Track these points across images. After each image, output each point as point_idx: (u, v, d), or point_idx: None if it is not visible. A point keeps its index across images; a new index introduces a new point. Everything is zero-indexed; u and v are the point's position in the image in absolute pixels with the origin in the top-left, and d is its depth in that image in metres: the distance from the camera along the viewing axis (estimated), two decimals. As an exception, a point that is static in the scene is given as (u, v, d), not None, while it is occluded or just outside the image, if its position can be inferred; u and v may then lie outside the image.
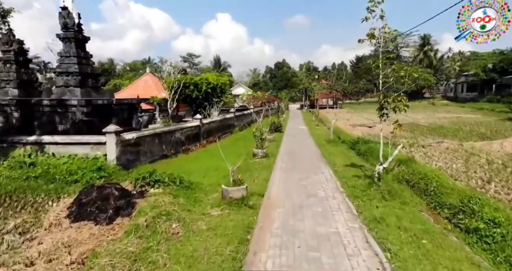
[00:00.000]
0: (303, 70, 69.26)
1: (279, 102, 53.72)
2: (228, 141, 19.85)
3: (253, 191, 7.20)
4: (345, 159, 11.37)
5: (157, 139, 12.72)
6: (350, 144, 14.26)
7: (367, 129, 22.02)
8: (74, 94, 12.93)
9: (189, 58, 67.17)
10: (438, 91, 67.63)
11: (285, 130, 22.63)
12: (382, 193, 6.85)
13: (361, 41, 7.98)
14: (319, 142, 16.00)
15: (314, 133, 20.56)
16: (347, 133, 19.55)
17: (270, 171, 9.56)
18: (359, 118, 31.70)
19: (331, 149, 13.84)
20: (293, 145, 15.42)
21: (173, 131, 14.08)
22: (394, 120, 7.69)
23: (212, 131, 19.53)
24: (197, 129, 16.97)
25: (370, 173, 9.22)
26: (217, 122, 20.52)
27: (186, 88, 22.14)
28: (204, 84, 21.89)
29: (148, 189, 6.84)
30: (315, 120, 31.55)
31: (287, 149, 13.97)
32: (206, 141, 18.17)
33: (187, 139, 15.50)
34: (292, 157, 11.93)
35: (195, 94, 21.96)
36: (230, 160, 13.17)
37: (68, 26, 13.15)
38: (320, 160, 11.31)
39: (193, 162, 12.45)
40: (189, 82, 21.96)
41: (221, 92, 23.28)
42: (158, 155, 12.66)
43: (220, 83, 22.60)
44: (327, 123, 26.77)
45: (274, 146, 14.95)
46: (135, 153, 11.17)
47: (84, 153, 10.21)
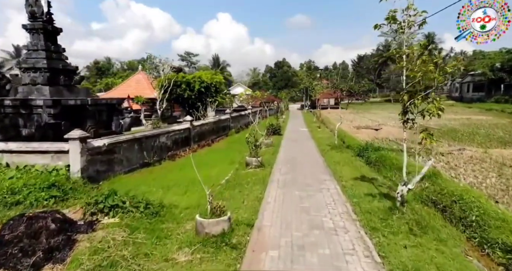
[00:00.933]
0: (303, 69, 67.49)
1: (278, 102, 52.09)
2: (222, 144, 18.21)
3: (239, 218, 5.55)
4: (353, 170, 9.73)
5: (136, 145, 11.07)
6: (357, 150, 12.60)
7: (373, 131, 20.36)
8: (42, 93, 11.29)
9: (187, 57, 65.45)
10: (442, 91, 65.82)
11: (284, 133, 20.99)
12: (409, 224, 5.20)
13: (378, 27, 6.34)
14: (322, 148, 14.35)
15: (316, 136, 18.91)
16: (352, 136, 17.90)
17: (265, 186, 7.92)
18: (362, 120, 30.05)
19: (335, 156, 12.20)
20: (293, 151, 13.77)
21: (157, 135, 12.43)
22: (409, 124, 6.04)
23: (205, 134, 17.90)
24: (186, 132, 15.33)
25: (386, 190, 7.59)
26: (210, 124, 18.88)
27: (178, 87, 20.53)
28: (197, 83, 20.26)
29: (100, 218, 5.20)
30: (317, 121, 29.90)
31: (286, 157, 12.31)
32: (198, 145, 16.54)
33: (174, 143, 13.86)
34: (291, 167, 10.28)
35: (187, 93, 20.34)
36: (221, 169, 11.55)
37: (36, 15, 11.50)
38: (324, 171, 9.66)
39: (177, 171, 10.81)
40: (180, 80, 20.34)
41: (215, 91, 21.64)
42: (137, 163, 11.02)
43: (214, 82, 20.97)
44: (329, 124, 25.13)
45: (271, 152, 13.31)
46: (107, 162, 9.53)
47: (44, 163, 8.57)
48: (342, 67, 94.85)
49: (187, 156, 14.30)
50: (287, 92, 73.14)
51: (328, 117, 31.16)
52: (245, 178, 8.87)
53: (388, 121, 27.76)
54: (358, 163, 10.97)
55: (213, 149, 16.43)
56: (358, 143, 14.84)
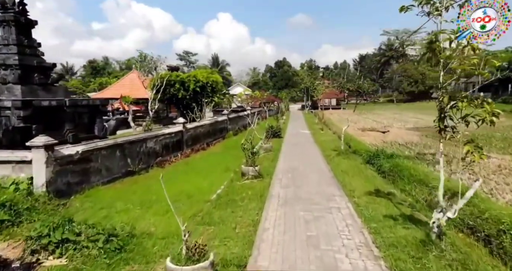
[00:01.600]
0: (304, 68, 66.13)
1: (279, 103, 50.83)
2: (218, 148, 16.96)
3: (228, 255, 4.28)
4: (365, 182, 8.45)
5: (118, 152, 9.81)
6: (366, 157, 11.32)
7: (380, 134, 19.08)
8: (12, 93, 10.03)
9: (186, 56, 64.13)
10: (446, 91, 64.43)
11: (285, 136, 19.71)
12: (452, 268, 3.92)
13: (405, 10, 5.07)
14: (327, 153, 13.07)
15: (319, 139, 17.64)
16: (358, 139, 16.62)
17: (262, 204, 6.65)
18: (366, 121, 28.79)
19: (342, 163, 10.93)
20: (295, 157, 12.49)
21: (144, 140, 11.17)
22: (448, 134, 4.79)
23: (200, 137, 16.63)
24: (178, 135, 14.06)
25: (408, 209, 6.32)
26: (206, 127, 17.61)
27: (171, 87, 19.26)
28: (192, 82, 18.98)
29: (43, 259, 3.92)
30: (319, 123, 28.62)
31: (286, 164, 11.04)
32: (192, 150, 15.28)
33: (164, 148, 12.59)
34: (293, 178, 9.00)
35: (182, 93, 19.07)
36: (214, 178, 10.25)
37: (7, 6, 10.24)
38: (332, 183, 8.39)
39: (165, 181, 9.54)
40: (174, 79, 19.06)
41: (212, 91, 20.37)
42: (119, 172, 9.75)
43: (210, 81, 19.70)
44: (332, 126, 23.87)
45: (271, 158, 12.03)
46: (81, 172, 8.26)
47: (3, 175, 7.32)
48: (343, 66, 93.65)
49: (179, 162, 13.04)
50: (288, 92, 71.90)
51: (330, 118, 29.90)
52: (240, 192, 7.59)
53: (394, 122, 26.49)
54: (369, 172, 9.69)
55: (208, 153, 15.16)
56: (366, 148, 13.59)
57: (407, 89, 56.77)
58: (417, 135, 18.33)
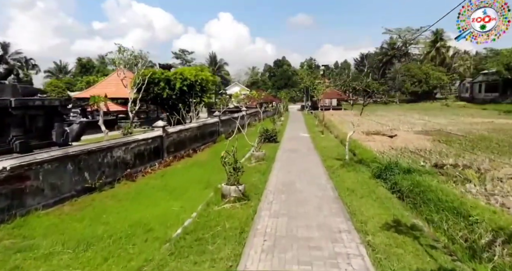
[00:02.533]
0: (304, 67, 64.18)
1: (277, 103, 48.92)
2: (206, 154, 15.07)
3: None
4: (379, 207, 6.58)
5: (71, 165, 7.91)
6: (376, 170, 9.42)
7: (387, 139, 17.18)
8: None
9: (182, 55, 62.12)
10: (450, 91, 62.64)
11: (282, 140, 17.82)
12: None
13: None
14: (329, 163, 11.19)
15: (320, 145, 15.74)
16: (363, 145, 14.73)
17: (240, 249, 4.76)
18: (370, 123, 26.89)
19: (348, 177, 9.05)
20: (291, 168, 10.59)
21: (108, 149, 9.27)
22: None
23: (185, 142, 14.75)
24: (157, 141, 12.17)
25: (448, 259, 4.44)
26: (193, 130, 15.72)
27: (156, 85, 17.37)
28: (179, 81, 17.07)
29: None
30: (319, 125, 26.73)
31: (281, 179, 9.14)
32: (174, 157, 13.40)
33: (137, 157, 10.71)
34: (287, 201, 7.11)
35: (167, 92, 17.16)
36: (189, 199, 8.25)
37: None
38: (337, 209, 6.49)
39: (126, 203, 7.66)
40: (159, 77, 17.15)
41: (201, 90, 18.46)
42: (73, 190, 7.87)
43: (199, 79, 17.79)
44: (334, 129, 21.98)
45: (262, 170, 10.14)
46: (10, 195, 6.36)
47: None
48: (344, 66, 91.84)
49: (155, 173, 11.16)
50: (287, 92, 70.07)
51: (331, 120, 27.99)
52: (214, 225, 5.70)
53: (400, 125, 24.58)
54: (381, 191, 7.80)
55: (192, 162, 13.28)
56: (373, 156, 11.71)
57: (410, 89, 54.83)
58: (428, 140, 16.43)
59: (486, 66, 48.87)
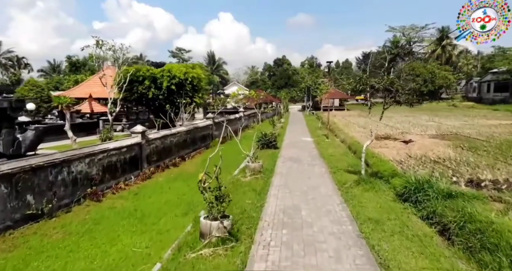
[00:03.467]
0: (305, 66, 62.08)
1: (277, 103, 46.97)
2: (194, 164, 13.17)
3: None
4: (420, 254, 4.66)
5: (5, 187, 5.98)
6: (401, 188, 7.48)
7: (401, 145, 15.23)
8: None
9: (178, 53, 60.13)
10: (455, 91, 60.64)
11: (282, 146, 15.89)
12: None
13: None
14: (340, 178, 9.27)
15: (326, 152, 13.80)
16: (376, 153, 12.80)
17: None
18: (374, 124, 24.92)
19: (367, 201, 7.12)
20: (294, 187, 8.64)
21: (63, 163, 7.34)
22: None
23: (170, 149, 12.83)
24: (134, 150, 10.26)
25: None
26: (180, 135, 13.79)
27: (140, 84, 15.45)
28: (166, 79, 15.13)
29: None
30: (322, 127, 24.82)
31: (281, 204, 7.21)
32: (156, 168, 11.50)
33: (106, 171, 8.79)
34: (290, 243, 5.17)
35: (152, 92, 15.23)
36: (155, 236, 5.13)
37: None
38: (363, 261, 4.55)
39: (76, 240, 5.73)
40: (143, 75, 15.22)
41: (192, 90, 16.52)
42: (8, 220, 5.95)
43: (190, 78, 15.86)
44: (339, 132, 20.04)
45: (258, 189, 8.20)
46: None
47: None
48: (345, 65, 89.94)
49: (130, 188, 9.25)
50: (287, 91, 68.13)
51: (335, 122, 26.06)
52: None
53: (411, 127, 22.57)
54: (416, 223, 5.88)
55: (177, 173, 11.37)
56: (391, 168, 9.82)
57: (415, 88, 52.71)
58: (448, 146, 14.50)
59: (495, 64, 46.90)
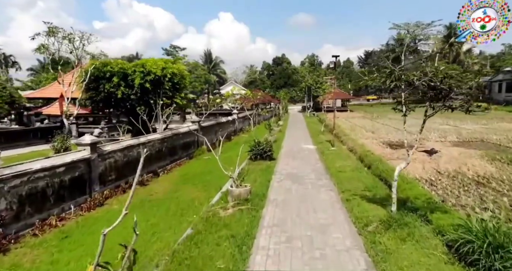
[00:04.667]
0: (306, 65, 59.34)
1: (276, 104, 44.30)
2: (169, 181, 10.62)
3: None
4: None
5: None
6: (454, 237, 4.84)
7: (424, 156, 12.58)
8: None
9: (173, 51, 57.31)
10: (461, 91, 57.83)
11: (279, 156, 13.27)
12: None
13: None
14: (359, 212, 6.62)
15: (333, 165, 11.14)
16: (393, 166, 10.18)
17: None
18: (388, 129, 22.34)
19: (409, 263, 4.48)
20: (293, 230, 5.99)
21: None
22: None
23: (136, 163, 10.17)
24: (79, 168, 7.64)
25: None
26: (153, 144, 11.18)
27: (108, 82, 12.83)
28: (138, 75, 12.49)
29: None
30: (325, 131, 22.19)
31: (274, 261, 4.56)
32: (115, 188, 8.94)
33: (27, 202, 6.17)
34: None
35: (122, 91, 12.60)
36: None
37: None
38: None
39: None
40: (111, 70, 12.58)
41: (173, 88, 13.88)
42: None
43: (169, 74, 13.22)
44: (345, 138, 17.41)
45: (239, 237, 5.53)
46: None
47: None
48: (346, 64, 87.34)
49: (65, 226, 6.64)
50: (287, 91, 65.52)
51: (339, 125, 23.39)
52: None
53: (426, 132, 19.89)
54: None
55: (143, 195, 8.77)
56: (425, 194, 7.26)
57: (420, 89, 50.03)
58: (482, 158, 11.90)
59: (506, 63, 44.27)
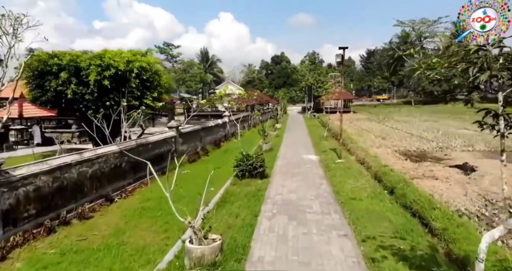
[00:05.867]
0: (306, 63, 56.54)
1: (274, 105, 41.57)
2: (120, 215, 7.90)
3: None
4: None
5: None
6: None
7: (458, 174, 9.86)
8: None
9: (167, 49, 54.61)
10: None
11: (274, 170, 10.57)
12: None
13: None
14: None
15: (343, 188, 8.40)
16: (422, 188, 7.48)
17: None
18: (399, 134, 19.65)
19: None
20: None
21: None
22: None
23: (81, 186, 7.55)
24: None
25: None
26: (106, 160, 8.47)
27: (55, 78, 10.11)
28: (94, 70, 9.79)
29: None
30: (328, 135, 19.51)
31: None
32: (36, 227, 6.22)
33: None
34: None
35: (73, 89, 9.89)
36: None
37: None
38: None
39: None
40: (58, 63, 9.88)
41: (142, 87, 11.18)
42: None
43: (136, 69, 10.54)
44: (352, 145, 14.71)
45: None
46: None
47: None
48: (348, 63, 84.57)
49: None
50: (286, 91, 62.85)
51: (344, 130, 20.64)
52: None
53: (445, 138, 17.13)
54: None
55: (64, 247, 6.02)
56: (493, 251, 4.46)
57: (428, 88, 47.51)
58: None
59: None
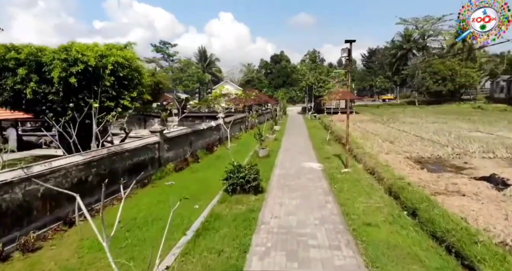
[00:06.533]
0: (306, 61, 55.00)
1: (273, 105, 40.03)
2: (78, 242, 6.30)
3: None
4: None
5: None
6: None
7: (487, 189, 8.34)
8: None
9: (163, 48, 53.06)
10: (475, 90, 53.87)
11: (270, 183, 9.05)
12: None
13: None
14: None
15: (353, 206, 6.87)
16: (454, 217, 5.94)
17: None
18: (407, 137, 18.11)
19: None
20: None
21: None
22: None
23: (29, 208, 6.00)
24: None
25: None
26: (66, 173, 6.93)
27: (13, 75, 8.59)
28: (58, 65, 8.28)
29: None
30: (331, 139, 17.97)
31: None
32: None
33: None
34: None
35: (33, 88, 8.37)
36: None
37: None
38: None
39: None
40: (16, 57, 8.36)
41: (118, 85, 9.66)
42: None
43: (110, 64, 9.03)
44: (358, 150, 13.20)
45: None
46: None
47: None
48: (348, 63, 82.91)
49: None
50: (285, 91, 61.36)
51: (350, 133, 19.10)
52: None
53: (460, 142, 15.60)
54: None
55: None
56: None
57: (432, 88, 46.02)
58: None
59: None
